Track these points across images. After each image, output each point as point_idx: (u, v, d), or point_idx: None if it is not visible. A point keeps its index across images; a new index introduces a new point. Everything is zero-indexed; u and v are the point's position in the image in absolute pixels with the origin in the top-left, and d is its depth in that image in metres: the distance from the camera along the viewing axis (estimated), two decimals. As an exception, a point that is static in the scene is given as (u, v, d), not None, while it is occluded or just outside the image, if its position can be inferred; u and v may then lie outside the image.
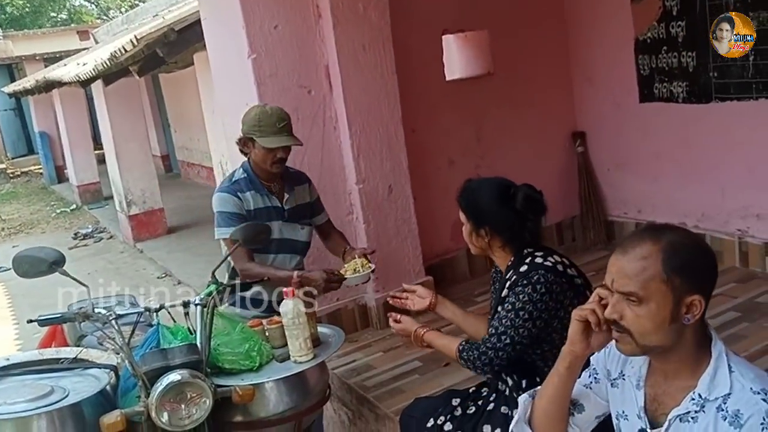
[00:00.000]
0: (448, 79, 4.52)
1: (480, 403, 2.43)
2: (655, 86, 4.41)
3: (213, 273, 2.52)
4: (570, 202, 5.01)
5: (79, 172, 11.60)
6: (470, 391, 2.55)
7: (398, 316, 2.54)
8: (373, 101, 3.81)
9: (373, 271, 2.98)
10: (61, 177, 14.25)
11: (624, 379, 1.67)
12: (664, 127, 4.43)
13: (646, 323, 1.47)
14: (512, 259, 2.30)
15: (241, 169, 3.07)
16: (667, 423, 1.53)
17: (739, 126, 3.97)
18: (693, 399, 1.49)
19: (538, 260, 2.21)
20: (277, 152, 2.94)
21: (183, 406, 2.16)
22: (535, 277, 2.16)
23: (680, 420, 1.51)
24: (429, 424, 2.44)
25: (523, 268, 2.21)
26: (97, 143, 11.96)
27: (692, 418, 1.50)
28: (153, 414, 2.14)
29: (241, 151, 3.05)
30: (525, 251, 2.26)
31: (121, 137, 8.42)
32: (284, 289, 2.52)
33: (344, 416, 3.45)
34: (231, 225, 2.88)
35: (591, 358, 1.76)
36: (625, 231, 4.75)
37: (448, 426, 2.40)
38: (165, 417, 2.15)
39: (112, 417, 2.11)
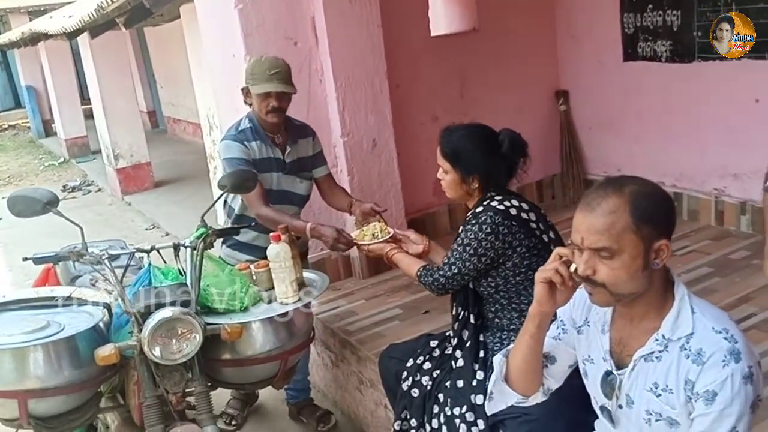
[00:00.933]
0: (433, 34, 4.54)
1: (454, 341, 2.53)
2: (639, 45, 4.47)
3: (202, 217, 2.61)
4: (551, 161, 5.11)
5: (66, 126, 11.55)
6: (447, 334, 2.67)
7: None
8: (359, 55, 3.86)
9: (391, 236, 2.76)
10: (48, 131, 14.17)
11: (589, 325, 1.75)
12: (646, 86, 4.49)
13: (621, 274, 1.51)
14: (477, 200, 2.41)
15: (247, 119, 3.10)
16: (632, 363, 1.61)
17: (720, 86, 4.04)
18: (657, 339, 1.57)
19: (494, 203, 2.33)
20: (270, 100, 2.96)
21: (174, 341, 2.26)
22: (482, 218, 2.30)
23: (645, 360, 1.59)
24: (409, 363, 2.57)
25: (479, 209, 2.35)
26: (84, 98, 11.91)
27: (656, 357, 1.57)
28: (145, 348, 2.24)
29: (246, 102, 3.09)
30: (488, 194, 2.37)
31: (108, 91, 8.40)
32: (271, 234, 2.62)
33: (327, 359, 3.59)
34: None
35: (558, 310, 1.82)
36: (604, 189, 4.84)
37: (427, 365, 2.52)
38: (157, 351, 2.25)
39: (107, 350, 2.22)
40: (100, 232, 6.50)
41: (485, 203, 2.36)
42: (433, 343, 2.61)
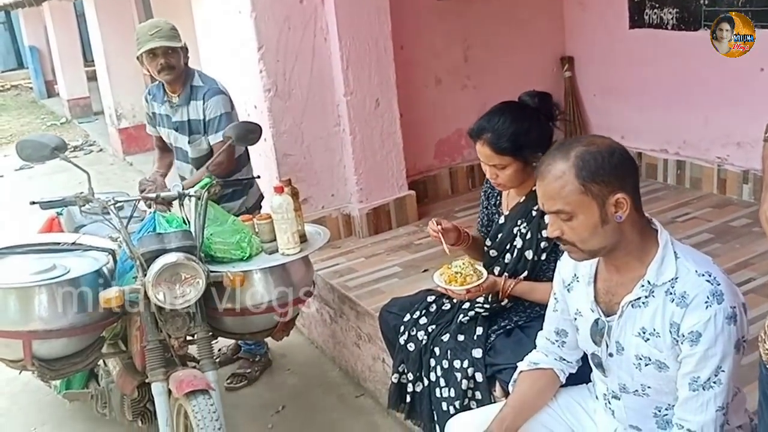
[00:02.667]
0: (439, -4, 4.55)
1: (455, 300, 2.54)
2: (646, 12, 4.44)
3: (207, 167, 2.63)
4: (568, 119, 5.09)
5: (69, 86, 11.51)
6: (444, 290, 2.70)
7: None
8: (364, 14, 3.85)
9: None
10: (51, 91, 14.12)
11: (578, 280, 1.79)
12: (652, 53, 4.46)
13: (583, 233, 1.57)
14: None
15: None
16: (620, 310, 1.66)
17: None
18: (643, 286, 1.61)
19: None
20: (158, 59, 3.09)
21: (177, 286, 2.30)
22: None
23: (632, 306, 1.64)
24: (405, 319, 2.60)
25: None
26: (87, 59, 11.84)
27: (643, 303, 1.62)
28: (149, 292, 2.28)
29: (144, 73, 3.24)
30: None
31: (111, 52, 8.39)
32: (274, 186, 2.65)
33: (326, 315, 3.64)
34: (146, 121, 3.47)
35: (554, 283, 1.88)
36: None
37: (423, 320, 2.55)
38: (161, 295, 2.29)
39: (111, 292, 2.27)
40: (101, 190, 6.49)
41: None
42: (430, 298, 2.64)
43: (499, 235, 2.38)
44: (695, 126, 4.31)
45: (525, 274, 2.31)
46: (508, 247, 2.36)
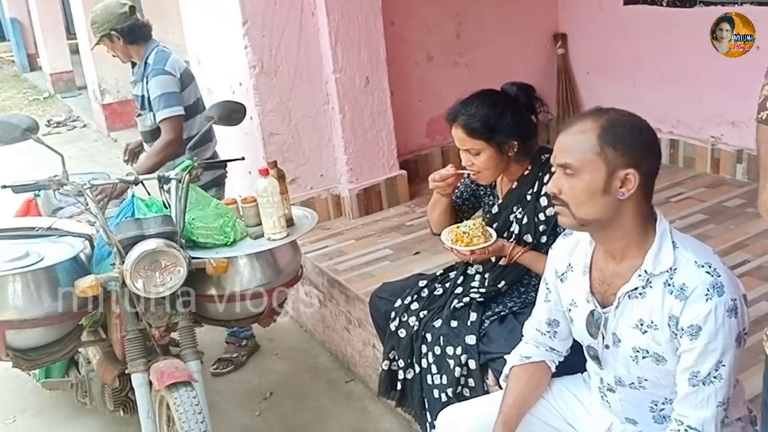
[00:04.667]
0: (430, -30, 4.42)
1: (447, 285, 2.51)
2: (641, -12, 4.36)
3: (189, 149, 2.53)
4: (548, 106, 5.01)
5: (52, 60, 11.26)
6: (437, 274, 2.63)
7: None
8: (353, -12, 3.73)
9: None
10: (33, 65, 13.83)
11: (572, 270, 1.73)
12: (646, 30, 4.38)
13: (580, 194, 1.52)
14: (529, 167, 2.25)
15: None
16: (617, 301, 1.60)
17: (720, 31, 3.95)
18: (640, 275, 1.55)
19: None
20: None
21: (157, 273, 2.21)
22: None
23: (629, 297, 1.58)
24: (396, 304, 2.54)
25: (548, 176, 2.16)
26: (70, 32, 11.58)
27: (640, 294, 1.56)
28: (127, 280, 2.18)
29: None
30: (543, 157, 2.22)
31: (94, 25, 8.17)
32: (259, 168, 2.55)
33: (315, 299, 3.56)
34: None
35: (545, 272, 1.83)
36: (599, 134, 4.79)
37: (414, 305, 2.49)
38: (139, 283, 2.20)
39: (87, 281, 2.16)
40: (84, 167, 6.37)
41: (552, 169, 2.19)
42: (422, 283, 2.57)
43: (495, 225, 2.31)
44: (689, 104, 4.24)
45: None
46: (505, 234, 2.30)
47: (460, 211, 2.49)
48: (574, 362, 1.88)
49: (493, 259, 2.33)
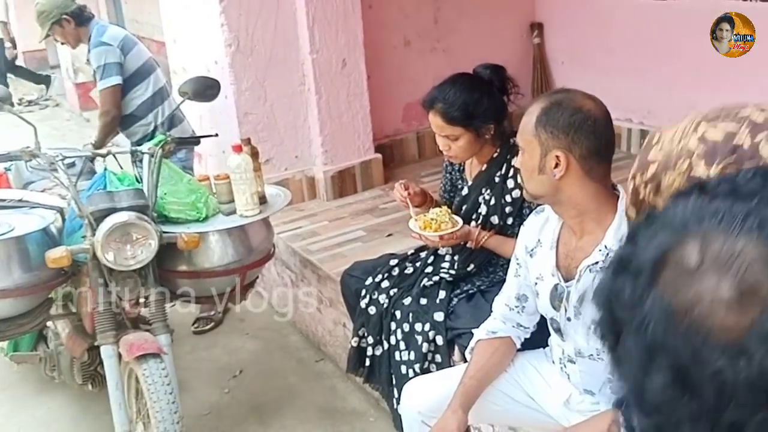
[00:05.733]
0: (409, -46, 4.42)
1: (418, 264, 2.55)
2: (616, -21, 4.41)
3: (162, 124, 2.52)
4: (521, 89, 5.04)
5: (25, 37, 11.06)
6: (408, 254, 2.67)
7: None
8: (332, -31, 3.72)
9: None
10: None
11: (541, 245, 1.78)
12: (620, 22, 4.43)
13: (524, 171, 1.66)
14: (498, 150, 2.28)
15: None
16: (578, 274, 1.65)
17: (694, 24, 4.00)
18: (600, 250, 1.60)
19: None
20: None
21: (128, 246, 2.21)
22: None
23: (589, 270, 1.63)
24: (367, 282, 2.57)
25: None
26: (43, 9, 11.39)
27: (600, 268, 1.61)
28: (98, 252, 2.18)
29: None
30: (512, 141, 2.25)
31: (69, 2, 8.05)
32: (232, 144, 2.55)
33: (287, 278, 3.57)
34: None
35: (516, 248, 1.86)
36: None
37: (385, 283, 2.52)
38: (110, 256, 2.20)
39: (58, 252, 2.16)
40: (56, 146, 6.29)
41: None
42: (393, 262, 2.61)
43: (464, 207, 2.36)
44: (660, 95, 4.30)
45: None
46: (474, 216, 2.34)
47: (452, 203, 2.49)
48: (535, 338, 1.93)
49: (462, 243, 2.37)
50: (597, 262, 1.61)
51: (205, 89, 2.63)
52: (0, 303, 2.29)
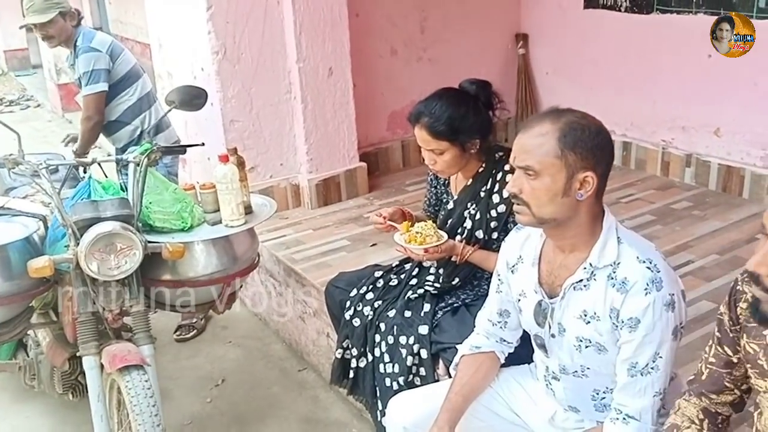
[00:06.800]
0: (397, -36, 4.44)
1: (402, 276, 2.55)
2: (601, -8, 4.45)
3: (147, 132, 2.51)
4: (506, 104, 5.08)
5: (6, 36, 10.97)
6: (393, 266, 2.67)
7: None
8: (319, -22, 3.73)
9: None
10: (-15, 41, 13.44)
11: (522, 261, 1.78)
12: (604, 35, 4.49)
13: (542, 196, 1.55)
14: (484, 165, 2.29)
15: None
16: (562, 292, 1.66)
17: (676, 39, 4.06)
18: (585, 268, 1.61)
19: None
20: (36, 32, 3.32)
21: (112, 256, 2.18)
22: None
23: (574, 288, 1.64)
24: (352, 294, 2.56)
25: (509, 177, 2.18)
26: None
27: (584, 286, 1.62)
28: (82, 262, 2.16)
29: None
30: (497, 155, 2.28)
31: (52, 2, 7.99)
32: (219, 154, 2.54)
33: (271, 287, 3.56)
34: None
35: (498, 264, 1.87)
36: (556, 134, 4.87)
37: (369, 295, 2.52)
38: (94, 266, 2.17)
39: (41, 262, 2.14)
40: (37, 148, 6.20)
41: (506, 167, 2.21)
42: (378, 274, 2.61)
43: (450, 221, 2.36)
44: (643, 109, 4.36)
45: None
46: (459, 230, 2.35)
47: (436, 218, 2.49)
48: (521, 353, 1.94)
49: (447, 257, 2.38)
50: (581, 280, 1.62)
51: (192, 98, 2.62)
52: (-20, 312, 2.26)
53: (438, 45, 4.71)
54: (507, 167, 2.24)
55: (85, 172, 2.76)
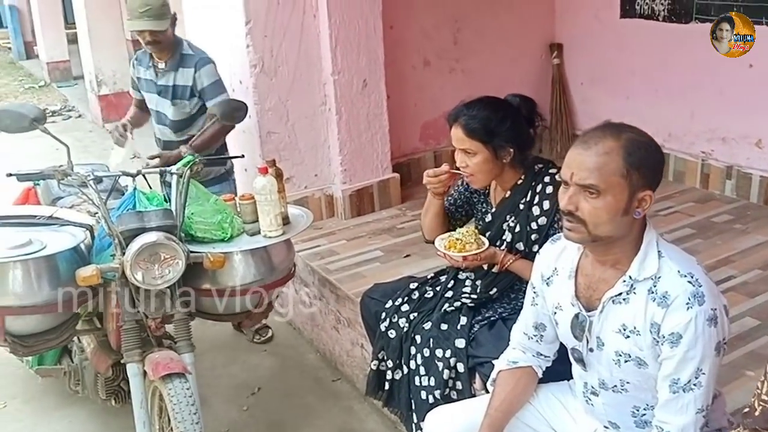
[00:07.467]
0: (430, -24, 4.48)
1: (438, 288, 2.55)
2: (637, 2, 4.41)
3: (190, 144, 2.57)
4: (546, 119, 5.08)
5: (49, 49, 11.23)
6: (428, 277, 2.67)
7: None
8: (355, -8, 3.78)
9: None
10: (30, 53, 13.78)
11: (557, 274, 1.77)
12: (642, 44, 4.45)
13: (602, 214, 1.53)
14: (523, 177, 2.29)
15: None
16: (601, 305, 1.65)
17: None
18: (624, 281, 1.60)
19: (557, 177, 2.20)
20: (144, 36, 3.17)
21: (156, 266, 2.25)
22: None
23: (613, 302, 1.63)
24: (387, 305, 2.57)
25: (549, 189, 2.22)
26: (68, 22, 11.56)
27: (624, 299, 1.61)
28: (128, 271, 2.22)
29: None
30: (536, 167, 2.28)
31: (94, 16, 8.19)
32: (258, 166, 2.59)
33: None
34: (132, 86, 3.55)
35: (532, 276, 1.87)
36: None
37: (405, 307, 2.52)
38: (139, 275, 2.23)
39: (88, 270, 2.21)
40: (78, 158, 6.31)
41: (546, 179, 2.23)
42: (413, 286, 2.61)
43: (489, 233, 2.36)
44: (681, 119, 4.31)
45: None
46: (498, 243, 2.35)
47: (453, 218, 2.54)
48: (560, 370, 1.93)
49: (485, 266, 2.38)
50: (620, 294, 1.62)
51: (233, 111, 2.68)
52: (29, 319, 2.33)
53: (471, 56, 4.72)
54: (547, 179, 2.25)
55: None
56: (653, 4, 4.33)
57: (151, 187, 2.60)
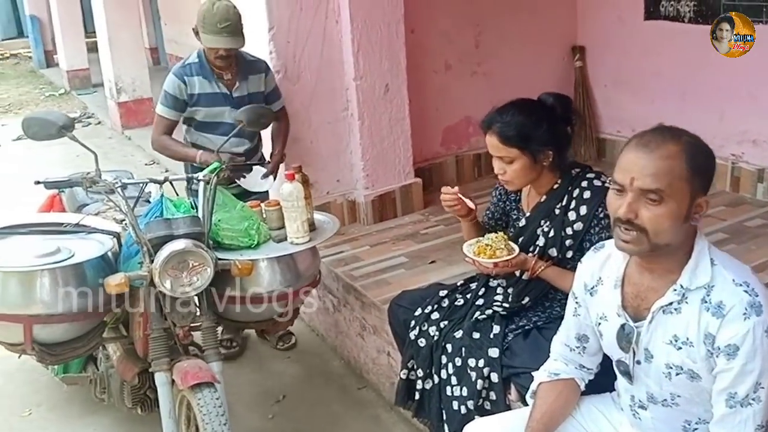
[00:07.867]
0: (452, -20, 4.44)
1: (468, 296, 2.50)
2: (662, 4, 4.36)
3: (217, 151, 2.56)
4: (582, 116, 5.01)
5: (69, 57, 11.33)
6: (458, 285, 2.61)
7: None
8: (377, -3, 3.76)
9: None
10: (50, 62, 13.93)
11: (602, 283, 1.71)
12: (667, 46, 4.39)
13: (664, 221, 1.46)
14: (559, 181, 2.24)
15: (195, 54, 3.23)
16: (650, 315, 1.58)
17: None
18: (675, 290, 1.54)
19: (595, 182, 2.18)
20: (219, 50, 3.08)
21: (185, 274, 2.23)
22: (596, 200, 2.15)
23: (663, 312, 1.57)
24: (417, 313, 2.53)
25: (585, 193, 2.18)
26: (87, 30, 11.67)
27: (675, 309, 1.55)
28: (156, 279, 2.20)
29: (196, 37, 3.17)
30: (573, 172, 2.23)
31: (113, 24, 8.25)
32: (285, 172, 2.57)
33: (329, 303, 3.57)
34: (167, 104, 3.20)
35: (574, 286, 1.81)
36: (617, 149, 4.79)
37: (435, 315, 2.48)
38: (168, 283, 2.22)
39: (117, 278, 2.19)
40: (102, 167, 6.39)
41: (584, 184, 2.18)
42: (443, 293, 2.57)
43: (521, 238, 2.31)
44: (710, 121, 4.23)
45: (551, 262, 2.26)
46: (531, 248, 2.30)
47: (493, 232, 2.43)
48: (602, 382, 1.88)
49: (517, 274, 2.33)
50: (671, 303, 1.55)
51: (259, 117, 2.67)
52: (56, 327, 2.32)
53: (492, 59, 4.68)
54: (585, 184, 2.20)
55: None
56: (678, 5, 4.27)
57: (177, 194, 2.58)
